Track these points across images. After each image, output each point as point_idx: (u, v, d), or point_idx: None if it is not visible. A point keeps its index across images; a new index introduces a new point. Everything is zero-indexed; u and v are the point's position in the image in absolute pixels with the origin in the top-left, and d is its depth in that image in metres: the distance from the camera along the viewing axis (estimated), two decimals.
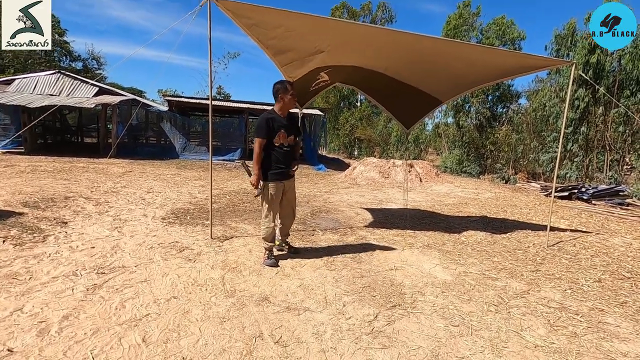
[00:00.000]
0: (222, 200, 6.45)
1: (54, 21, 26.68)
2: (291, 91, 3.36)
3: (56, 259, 3.23)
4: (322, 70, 5.05)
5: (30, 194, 5.58)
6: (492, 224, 5.94)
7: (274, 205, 3.43)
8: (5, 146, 13.31)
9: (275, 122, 3.31)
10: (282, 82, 3.37)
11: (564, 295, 3.18)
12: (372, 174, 11.23)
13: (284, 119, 3.39)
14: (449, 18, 17.99)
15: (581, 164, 12.91)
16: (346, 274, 3.36)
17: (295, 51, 4.42)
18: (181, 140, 14.46)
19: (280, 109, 3.39)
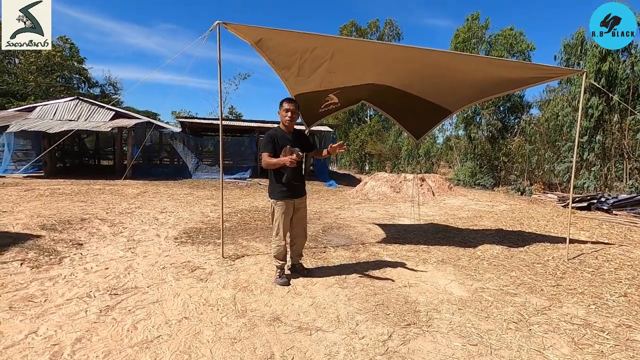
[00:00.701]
0: (233, 219, 6.48)
1: (73, 50, 27.99)
2: (284, 107, 3.37)
3: (71, 280, 3.27)
4: (331, 92, 5.11)
5: (48, 216, 5.72)
6: (508, 237, 5.78)
7: (284, 223, 3.41)
8: (26, 170, 13.78)
9: (279, 138, 3.35)
10: (281, 101, 3.43)
11: (587, 311, 3.04)
12: (383, 189, 11.15)
13: (288, 134, 3.41)
14: (458, 31, 18.12)
15: (599, 173, 12.57)
16: (359, 291, 3.30)
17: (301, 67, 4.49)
18: (194, 160, 14.72)
19: (281, 124, 3.44)
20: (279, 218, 3.40)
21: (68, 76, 27.40)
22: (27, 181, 11.16)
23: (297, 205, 3.48)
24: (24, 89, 23.23)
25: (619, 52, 12.18)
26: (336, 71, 4.58)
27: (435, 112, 5.66)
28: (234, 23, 3.70)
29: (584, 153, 12.73)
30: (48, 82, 23.77)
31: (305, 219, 3.68)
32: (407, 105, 5.59)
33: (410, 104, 5.53)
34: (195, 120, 15.57)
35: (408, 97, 5.35)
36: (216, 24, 3.72)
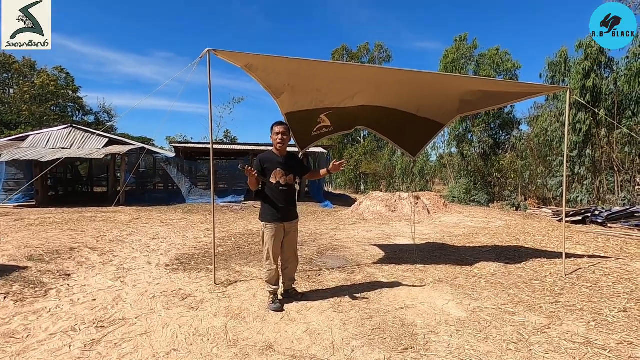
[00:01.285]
0: (227, 243, 6.38)
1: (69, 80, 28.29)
2: (275, 130, 3.39)
3: (56, 314, 3.15)
4: (322, 113, 5.16)
5: (36, 247, 5.58)
6: (505, 254, 5.74)
7: (274, 247, 3.36)
8: (17, 200, 13.59)
9: (270, 161, 3.36)
10: (272, 125, 3.45)
11: (588, 328, 2.98)
12: (378, 208, 11.12)
13: (280, 157, 3.41)
14: (447, 52, 18.65)
15: (591, 186, 12.69)
16: (354, 315, 3.21)
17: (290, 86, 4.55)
18: (187, 184, 14.64)
19: (274, 149, 3.46)
20: (268, 241, 3.36)
21: (63, 105, 27.56)
22: (17, 211, 10.98)
23: (287, 229, 3.44)
24: (17, 118, 23.28)
25: (602, 69, 12.57)
26: (326, 91, 4.66)
27: (428, 127, 5.74)
28: (223, 50, 3.78)
29: (575, 167, 12.89)
30: (42, 111, 23.86)
31: (296, 242, 3.64)
32: (399, 123, 5.66)
33: (402, 122, 5.60)
34: (188, 144, 15.61)
35: (399, 114, 5.42)
36: (206, 51, 3.79)
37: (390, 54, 29.48)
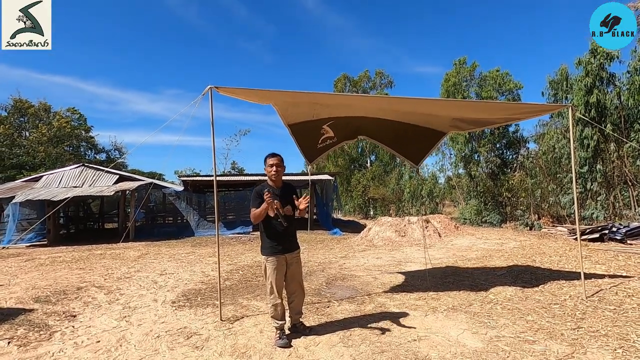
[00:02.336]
0: (234, 276, 6.29)
1: (81, 120, 29.36)
2: (269, 162, 3.39)
3: (59, 358, 3.08)
4: (324, 123, 5.23)
5: (44, 287, 5.57)
6: (521, 277, 5.53)
7: (277, 280, 3.30)
8: (29, 240, 13.76)
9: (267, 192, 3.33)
10: (265, 158, 3.45)
11: (614, 355, 2.79)
12: (388, 234, 10.94)
13: (277, 189, 3.39)
14: (447, 75, 18.92)
15: (605, 202, 12.35)
16: (365, 349, 3.07)
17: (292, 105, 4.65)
18: (196, 217, 14.70)
19: (269, 180, 3.44)
20: (271, 275, 3.30)
21: (76, 144, 28.45)
22: (29, 251, 11.09)
23: (289, 261, 3.38)
24: (33, 159, 24.02)
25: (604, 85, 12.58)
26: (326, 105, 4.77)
27: (429, 135, 5.76)
28: (224, 87, 3.89)
29: (587, 183, 12.61)
30: (57, 151, 24.64)
31: (301, 274, 3.55)
32: (401, 132, 5.70)
33: (403, 131, 5.64)
34: (196, 178, 15.81)
35: (400, 125, 5.47)
36: (208, 88, 3.90)
37: (392, 80, 30.06)
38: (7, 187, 14.40)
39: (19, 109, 26.94)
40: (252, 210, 3.30)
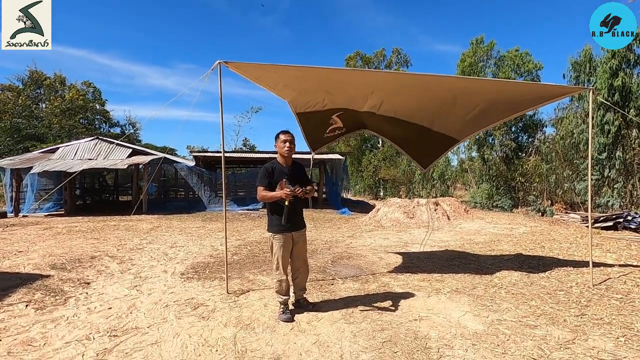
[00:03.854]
0: (242, 252, 6.42)
1: (96, 93, 29.59)
2: (281, 138, 3.36)
3: (73, 322, 3.23)
4: (334, 114, 5.15)
5: (60, 255, 5.79)
6: (528, 262, 5.49)
7: (283, 257, 3.34)
8: (47, 209, 14.24)
9: (276, 171, 3.32)
10: (277, 134, 3.42)
11: (616, 344, 2.78)
12: (396, 215, 10.94)
13: (286, 167, 3.39)
14: (464, 55, 18.30)
15: (623, 190, 12.03)
16: (366, 327, 3.13)
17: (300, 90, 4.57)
18: (208, 193, 14.92)
19: (280, 156, 3.42)
20: (277, 252, 3.34)
21: (91, 118, 28.82)
22: (47, 220, 11.49)
23: (295, 239, 3.41)
24: (48, 131, 24.49)
25: (631, 67, 11.99)
26: (336, 93, 4.65)
27: (441, 141, 5.57)
28: (233, 62, 3.83)
29: (605, 170, 12.27)
30: (71, 124, 25.02)
31: (305, 251, 3.59)
32: (411, 134, 5.54)
33: (414, 134, 5.47)
34: (208, 153, 15.93)
35: (412, 126, 5.31)
36: (217, 63, 3.85)
37: (409, 59, 29.23)
38: (25, 157, 14.77)
39: (35, 81, 27.26)
40: (259, 189, 3.30)
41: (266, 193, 3.26)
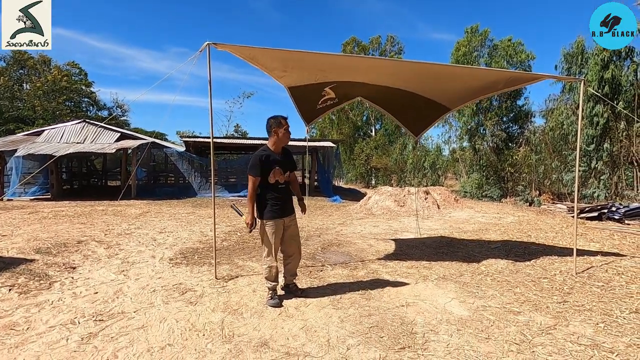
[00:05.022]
0: (232, 238, 6.39)
1: (82, 75, 28.78)
2: (285, 125, 3.33)
3: (58, 306, 3.19)
4: (326, 86, 5.11)
5: (45, 239, 5.70)
6: (514, 251, 5.59)
7: (274, 243, 3.32)
8: (33, 193, 13.96)
9: (270, 159, 3.28)
10: (276, 118, 3.35)
11: (596, 329, 2.86)
12: (387, 203, 11.00)
13: (278, 154, 3.35)
14: (458, 44, 18.18)
15: (608, 181, 12.26)
16: (353, 312, 3.16)
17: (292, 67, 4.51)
18: (198, 179, 14.78)
19: (273, 144, 3.35)
20: (270, 238, 3.31)
21: (77, 100, 28.07)
22: (33, 204, 11.28)
23: (287, 224, 3.40)
24: (32, 113, 23.83)
25: (622, 59, 12.07)
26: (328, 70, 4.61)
27: (433, 109, 5.62)
28: (222, 43, 3.73)
29: (592, 162, 12.46)
30: (54, 106, 24.34)
31: (298, 236, 3.59)
32: (404, 102, 5.57)
33: (407, 102, 5.50)
34: (198, 139, 15.70)
35: (405, 94, 5.32)
36: (206, 44, 3.75)
37: (402, 47, 28.97)
38: (9, 140, 14.40)
39: (17, 61, 26.35)
40: (250, 178, 3.25)
41: (252, 193, 3.29)
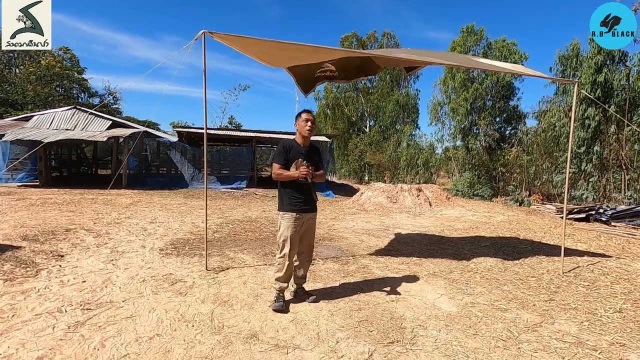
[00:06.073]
0: (224, 230, 6.36)
1: (74, 60, 28.22)
2: (304, 117, 3.16)
3: (44, 294, 3.15)
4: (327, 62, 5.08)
5: (32, 226, 5.61)
6: (503, 249, 5.66)
7: (291, 239, 3.07)
8: (21, 180, 13.71)
9: (293, 149, 3.14)
10: (299, 113, 3.22)
11: (580, 327, 2.91)
12: (379, 199, 11.04)
13: (303, 147, 3.19)
14: (454, 43, 18.25)
15: (597, 184, 12.47)
16: (343, 306, 3.17)
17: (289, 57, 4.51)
18: (190, 169, 14.64)
19: (298, 137, 3.22)
20: (285, 232, 3.08)
21: (68, 86, 27.54)
22: (20, 190, 11.07)
23: (305, 221, 3.19)
24: (22, 98, 23.33)
25: (615, 64, 12.22)
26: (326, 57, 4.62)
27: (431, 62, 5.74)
28: (219, 33, 3.67)
29: (582, 164, 12.65)
30: (47, 91, 23.87)
31: (313, 237, 3.38)
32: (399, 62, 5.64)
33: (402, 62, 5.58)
34: (191, 129, 15.54)
35: None
36: (201, 33, 3.69)
37: (399, 42, 28.95)
38: None
39: None
40: (274, 166, 3.11)
41: (282, 172, 3.08)
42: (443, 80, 19.28)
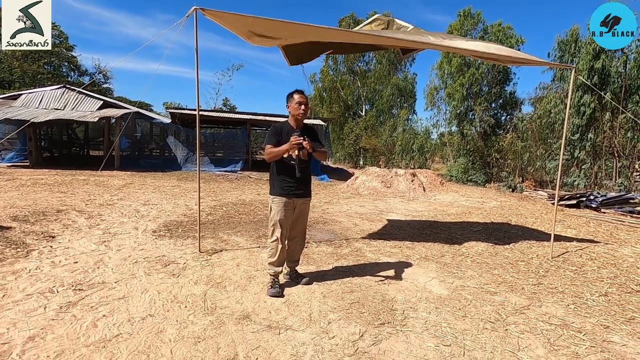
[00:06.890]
0: (217, 212, 6.35)
1: (62, 37, 27.38)
2: (297, 99, 3.06)
3: (35, 275, 3.13)
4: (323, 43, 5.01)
5: (22, 207, 5.54)
6: (495, 234, 5.73)
7: (281, 223, 3.04)
8: (10, 160, 13.49)
9: (285, 131, 3.06)
10: (290, 93, 3.11)
11: (566, 310, 2.98)
12: (374, 184, 11.07)
13: (296, 129, 3.09)
14: (451, 28, 18.00)
15: (589, 171, 12.61)
16: (335, 288, 3.21)
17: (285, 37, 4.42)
18: (184, 151, 14.50)
19: (291, 118, 3.15)
20: (275, 216, 3.06)
21: (57, 64, 26.82)
22: (10, 170, 10.91)
23: (297, 206, 3.14)
24: (9, 75, 22.71)
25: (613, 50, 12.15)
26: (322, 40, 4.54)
27: None
28: (211, 10, 3.55)
29: (575, 151, 12.75)
30: (35, 69, 23.23)
31: (306, 222, 3.34)
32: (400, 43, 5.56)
33: None
34: (184, 111, 15.31)
35: None
36: (193, 9, 3.58)
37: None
38: None
39: None
40: (267, 147, 3.02)
41: (272, 149, 2.98)
42: (439, 65, 19.08)
